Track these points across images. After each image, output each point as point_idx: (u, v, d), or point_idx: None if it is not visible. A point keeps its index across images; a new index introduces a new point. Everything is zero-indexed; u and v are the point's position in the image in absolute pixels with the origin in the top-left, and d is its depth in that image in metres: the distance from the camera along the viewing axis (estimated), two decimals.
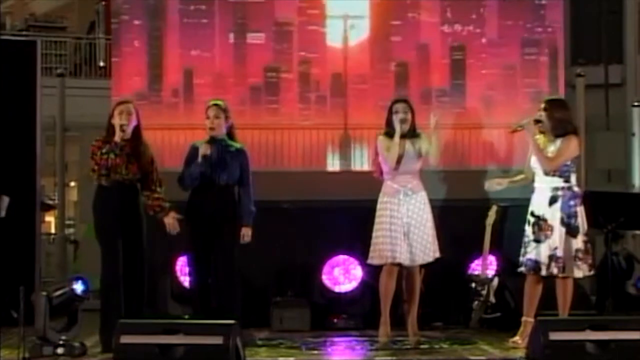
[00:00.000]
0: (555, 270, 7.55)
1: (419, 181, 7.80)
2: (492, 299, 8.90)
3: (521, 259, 7.73)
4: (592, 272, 7.75)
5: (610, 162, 12.94)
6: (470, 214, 8.94)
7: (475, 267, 9.11)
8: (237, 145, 7.93)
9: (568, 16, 12.52)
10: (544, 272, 7.60)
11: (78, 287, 7.57)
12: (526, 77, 9.79)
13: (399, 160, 7.74)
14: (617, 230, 8.92)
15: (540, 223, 7.63)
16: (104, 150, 7.47)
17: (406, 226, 7.68)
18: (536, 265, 7.63)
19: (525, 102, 9.58)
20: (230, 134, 7.93)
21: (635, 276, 9.95)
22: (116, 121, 7.54)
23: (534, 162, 7.75)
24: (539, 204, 7.67)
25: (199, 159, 7.68)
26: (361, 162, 9.62)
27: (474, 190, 9.13)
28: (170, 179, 7.79)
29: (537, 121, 7.72)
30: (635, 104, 11.56)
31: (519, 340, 7.57)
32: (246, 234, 7.79)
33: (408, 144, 7.79)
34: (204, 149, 7.70)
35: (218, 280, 7.71)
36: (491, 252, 8.87)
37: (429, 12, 9.85)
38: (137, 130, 7.62)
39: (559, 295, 7.61)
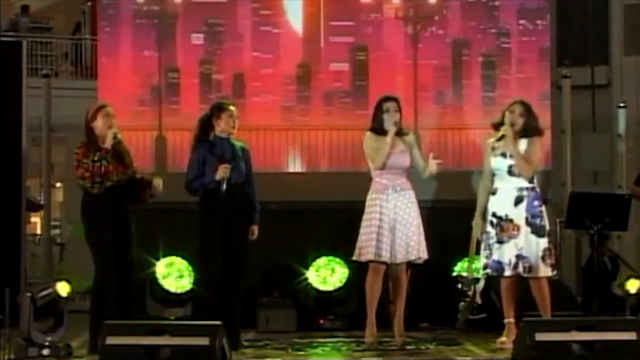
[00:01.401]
0: (521, 270, 7.55)
1: (407, 179, 7.75)
2: (478, 300, 8.89)
3: (485, 260, 7.73)
4: (555, 273, 7.76)
5: (596, 163, 12.94)
6: (457, 215, 8.93)
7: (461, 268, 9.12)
8: (241, 144, 7.89)
9: (554, 17, 12.55)
10: (507, 273, 7.60)
11: (63, 288, 7.55)
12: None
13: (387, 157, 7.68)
14: (602, 232, 8.93)
15: (503, 224, 7.63)
16: (95, 158, 7.36)
17: (392, 222, 7.63)
18: (500, 266, 7.63)
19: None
20: None
21: (621, 277, 9.97)
22: (101, 125, 7.45)
23: (497, 163, 7.71)
24: (501, 205, 7.65)
25: (218, 177, 7.57)
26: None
27: (460, 191, 9.13)
28: None
29: (510, 124, 7.69)
30: (621, 105, 11.56)
31: (506, 340, 7.57)
32: (253, 232, 7.83)
33: (398, 141, 7.73)
34: (223, 172, 7.58)
35: (229, 280, 7.64)
36: (477, 252, 8.87)
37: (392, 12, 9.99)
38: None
39: (536, 296, 7.60)
